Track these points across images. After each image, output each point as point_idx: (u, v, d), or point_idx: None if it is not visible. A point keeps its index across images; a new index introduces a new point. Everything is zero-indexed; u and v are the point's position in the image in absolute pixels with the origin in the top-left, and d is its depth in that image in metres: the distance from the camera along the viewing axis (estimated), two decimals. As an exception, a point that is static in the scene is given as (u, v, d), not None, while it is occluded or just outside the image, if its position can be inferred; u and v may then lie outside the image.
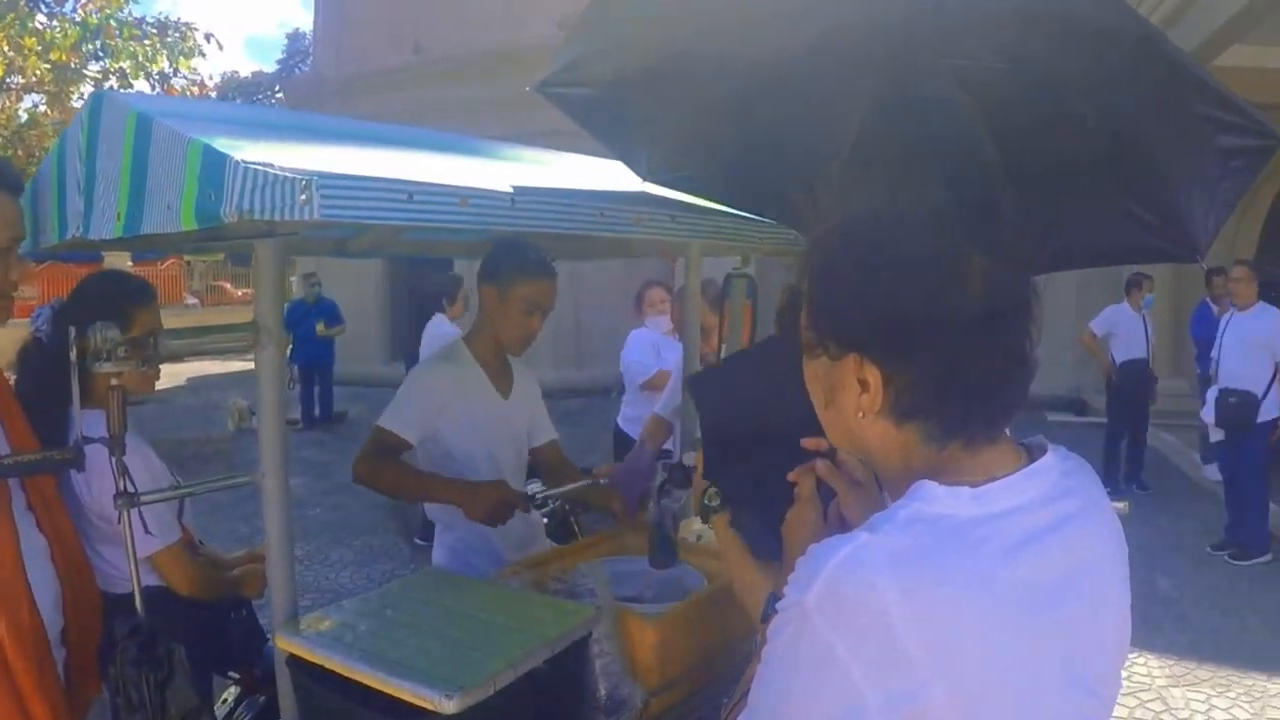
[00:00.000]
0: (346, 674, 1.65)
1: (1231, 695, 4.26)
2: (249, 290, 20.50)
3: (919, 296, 0.92)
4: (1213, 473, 7.91)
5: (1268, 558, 6.02)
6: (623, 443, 4.78)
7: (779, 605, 0.91)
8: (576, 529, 4.08)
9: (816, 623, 0.84)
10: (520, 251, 2.52)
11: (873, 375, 0.95)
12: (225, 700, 2.70)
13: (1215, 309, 7.89)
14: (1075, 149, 1.76)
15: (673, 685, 2.12)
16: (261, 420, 1.81)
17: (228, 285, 20.54)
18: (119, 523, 1.64)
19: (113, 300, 2.14)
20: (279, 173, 1.15)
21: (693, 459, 1.67)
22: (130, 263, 16.46)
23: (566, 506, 4.08)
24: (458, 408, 2.54)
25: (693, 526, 2.97)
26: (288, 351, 10.86)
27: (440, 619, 1.87)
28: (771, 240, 2.33)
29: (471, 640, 1.77)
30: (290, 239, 1.69)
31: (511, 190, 1.59)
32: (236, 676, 2.61)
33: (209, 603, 2.31)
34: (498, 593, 2.07)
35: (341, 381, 11.55)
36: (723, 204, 2.31)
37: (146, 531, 1.95)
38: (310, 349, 10.82)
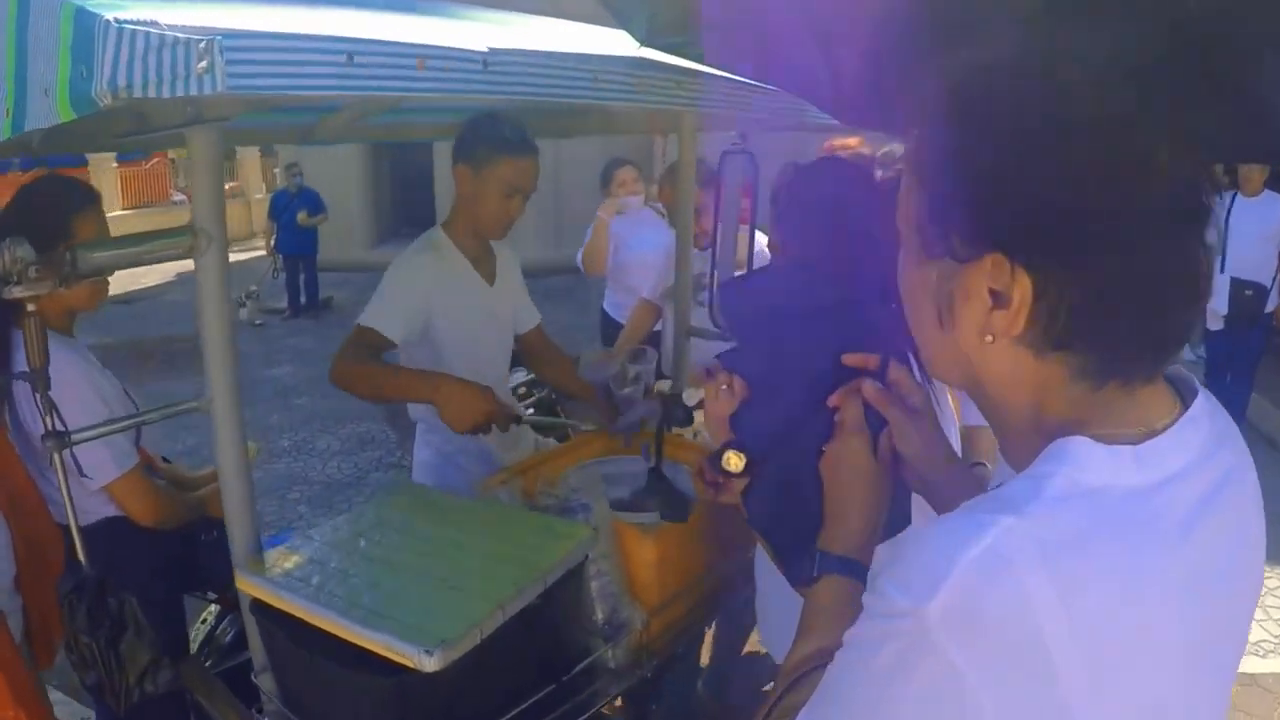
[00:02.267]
0: (315, 623, 1.47)
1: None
2: (236, 183, 19.88)
3: (1102, 177, 0.67)
4: (1186, 353, 7.80)
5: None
6: (609, 325, 4.60)
7: (872, 610, 0.69)
8: (564, 418, 3.93)
9: (941, 643, 0.63)
10: (496, 127, 2.25)
11: (1022, 285, 0.70)
12: (205, 620, 2.58)
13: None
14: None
15: (672, 601, 1.99)
16: (206, 338, 1.58)
17: None
18: (40, 472, 1.42)
19: (47, 212, 1.90)
20: (166, 33, 0.88)
21: (694, 397, 1.44)
22: (115, 163, 15.89)
23: (553, 396, 3.91)
24: (443, 300, 2.32)
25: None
26: (272, 242, 10.63)
27: (419, 550, 1.69)
28: (787, 112, 2.03)
29: (455, 576, 1.59)
30: (233, 127, 1.42)
31: (485, 51, 1.30)
32: (214, 597, 2.47)
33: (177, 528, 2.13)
34: (483, 513, 1.89)
35: (326, 268, 11.34)
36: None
37: (82, 474, 1.76)
38: (293, 238, 10.63)
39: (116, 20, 0.85)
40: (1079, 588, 0.62)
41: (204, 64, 0.87)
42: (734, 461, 1.28)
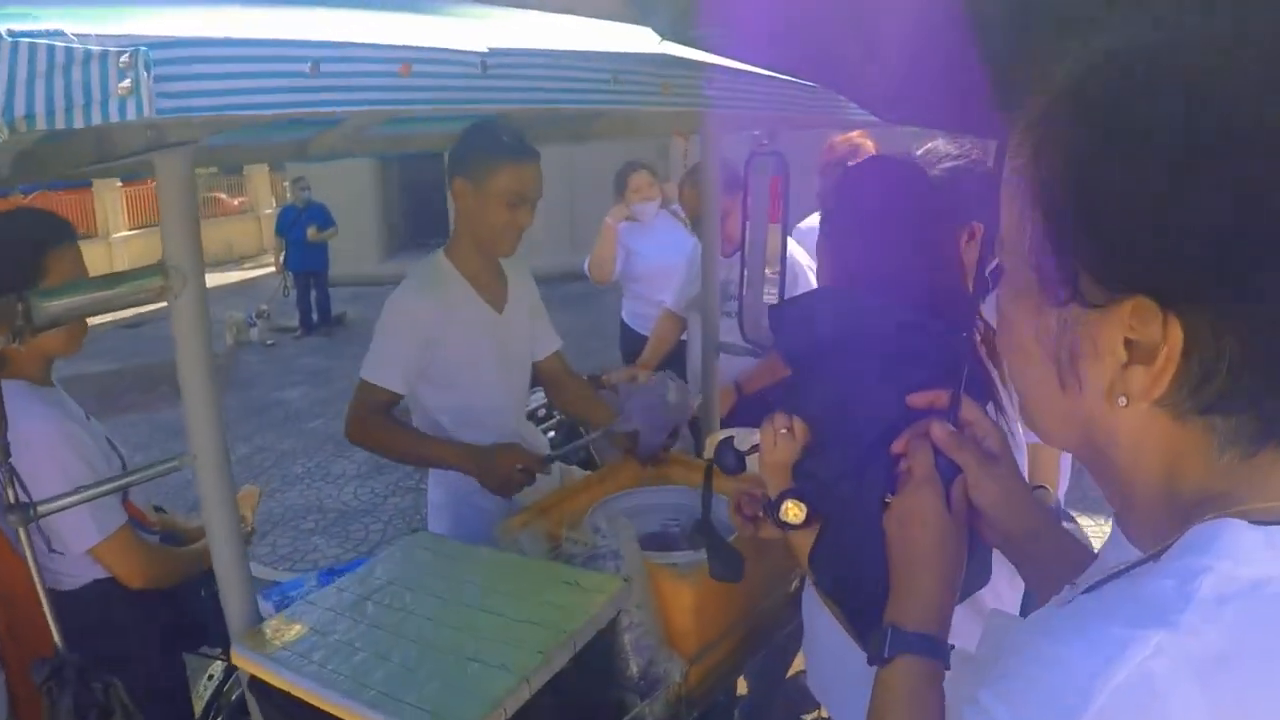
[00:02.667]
0: (320, 706, 1.30)
1: None
2: (245, 198, 19.79)
3: None
4: None
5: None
6: (629, 336, 4.40)
7: None
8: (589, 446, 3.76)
9: None
10: (491, 133, 2.07)
11: (1172, 336, 0.55)
12: (211, 676, 2.42)
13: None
14: None
15: (712, 648, 1.83)
16: (185, 389, 1.41)
17: (222, 196, 19.76)
18: (18, 541, 1.26)
19: (17, 248, 1.73)
20: (76, 45, 0.69)
21: (746, 441, 1.26)
22: (119, 183, 15.81)
23: (573, 419, 3.74)
24: (445, 335, 2.14)
25: (715, 441, 2.61)
26: (281, 259, 10.47)
27: (434, 614, 1.52)
28: (819, 109, 1.83)
29: (474, 645, 1.41)
30: (215, 146, 1.26)
31: (484, 51, 1.11)
32: (219, 653, 2.30)
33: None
34: (503, 567, 1.71)
35: (338, 283, 11.23)
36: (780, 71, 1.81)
37: (51, 549, 1.60)
38: (303, 254, 10.45)
39: (9, 33, 0.67)
40: (1247, 713, 0.51)
41: (127, 83, 0.69)
42: (793, 513, 1.12)
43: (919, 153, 2.05)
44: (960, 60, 1.03)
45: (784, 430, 1.13)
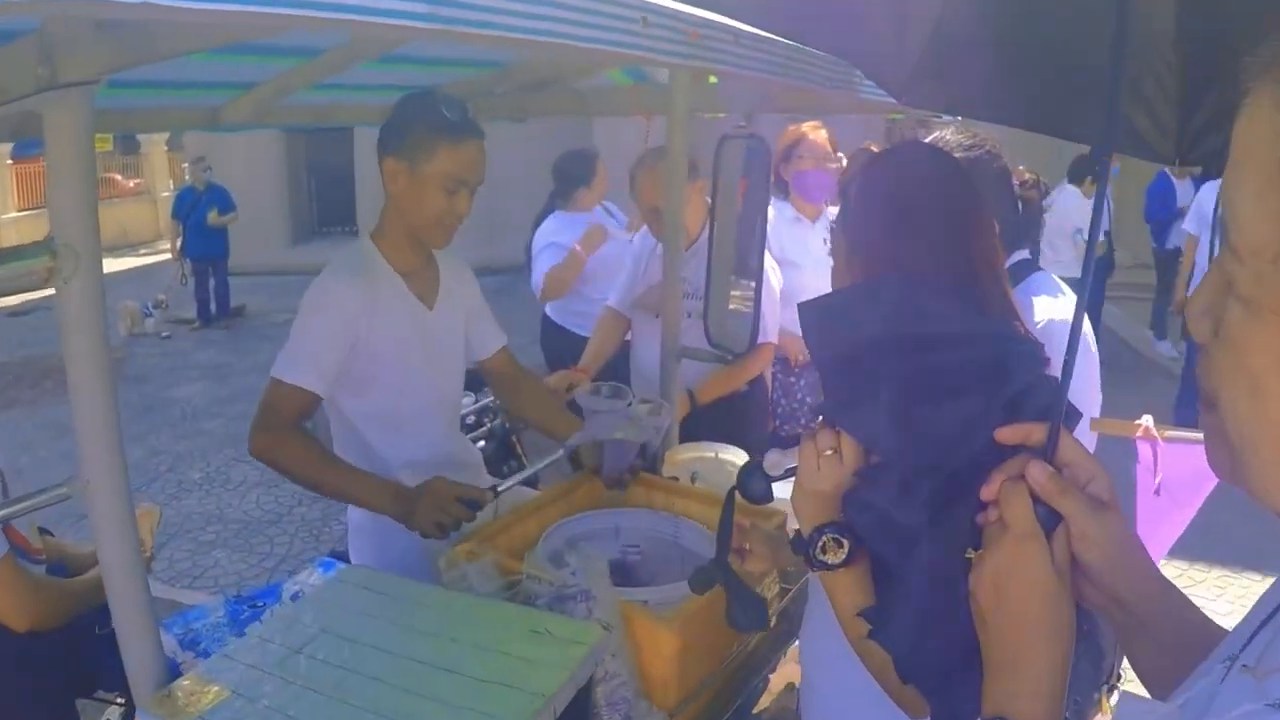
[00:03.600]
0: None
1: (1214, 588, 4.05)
2: (141, 180, 18.70)
3: None
4: (1166, 349, 7.75)
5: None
6: (555, 335, 4.11)
7: None
8: (521, 453, 3.49)
9: None
10: (430, 107, 1.82)
11: None
12: (107, 721, 2.09)
13: (1176, 180, 7.53)
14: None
15: (695, 696, 1.62)
16: (76, 396, 1.12)
17: (117, 177, 18.61)
18: None
19: None
20: None
21: (779, 465, 1.06)
22: (9, 160, 14.76)
23: (507, 425, 3.46)
24: (372, 333, 1.87)
25: (677, 459, 2.41)
26: (179, 244, 9.82)
27: (382, 672, 1.26)
28: (841, 84, 1.61)
29: (435, 714, 1.17)
30: (119, 108, 1.00)
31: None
32: (116, 697, 1.99)
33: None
34: (457, 610, 1.46)
35: (239, 272, 10.59)
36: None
37: None
38: (203, 240, 9.78)
39: None
40: None
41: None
42: (834, 552, 0.93)
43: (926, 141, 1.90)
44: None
45: (829, 452, 0.93)
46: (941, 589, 0.84)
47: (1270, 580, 0.62)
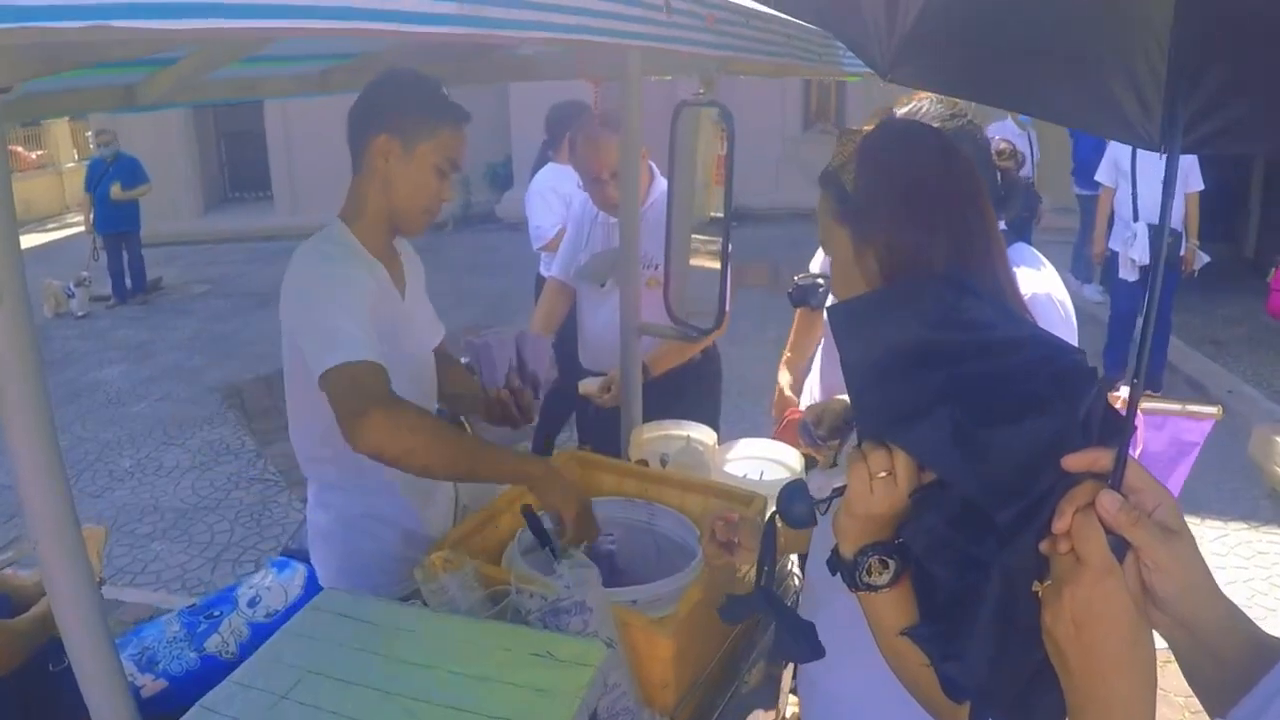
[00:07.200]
0: None
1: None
2: (44, 151, 17.65)
3: None
4: (1091, 293, 7.90)
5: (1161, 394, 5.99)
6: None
7: None
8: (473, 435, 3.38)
9: None
10: (432, 88, 1.78)
11: None
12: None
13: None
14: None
15: (692, 693, 1.61)
16: (10, 438, 0.99)
17: (19, 150, 17.42)
18: None
19: None
20: None
21: (824, 486, 0.98)
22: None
23: (445, 411, 3.35)
24: (376, 321, 1.73)
25: (643, 439, 2.34)
26: (91, 218, 9.28)
27: (377, 715, 1.17)
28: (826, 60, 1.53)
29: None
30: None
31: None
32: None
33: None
34: (449, 635, 1.37)
35: (151, 243, 10.06)
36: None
37: None
38: (112, 213, 9.22)
39: None
40: None
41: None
42: (879, 574, 0.87)
43: (900, 112, 1.82)
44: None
45: (884, 474, 0.86)
46: (1011, 621, 0.79)
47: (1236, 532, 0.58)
